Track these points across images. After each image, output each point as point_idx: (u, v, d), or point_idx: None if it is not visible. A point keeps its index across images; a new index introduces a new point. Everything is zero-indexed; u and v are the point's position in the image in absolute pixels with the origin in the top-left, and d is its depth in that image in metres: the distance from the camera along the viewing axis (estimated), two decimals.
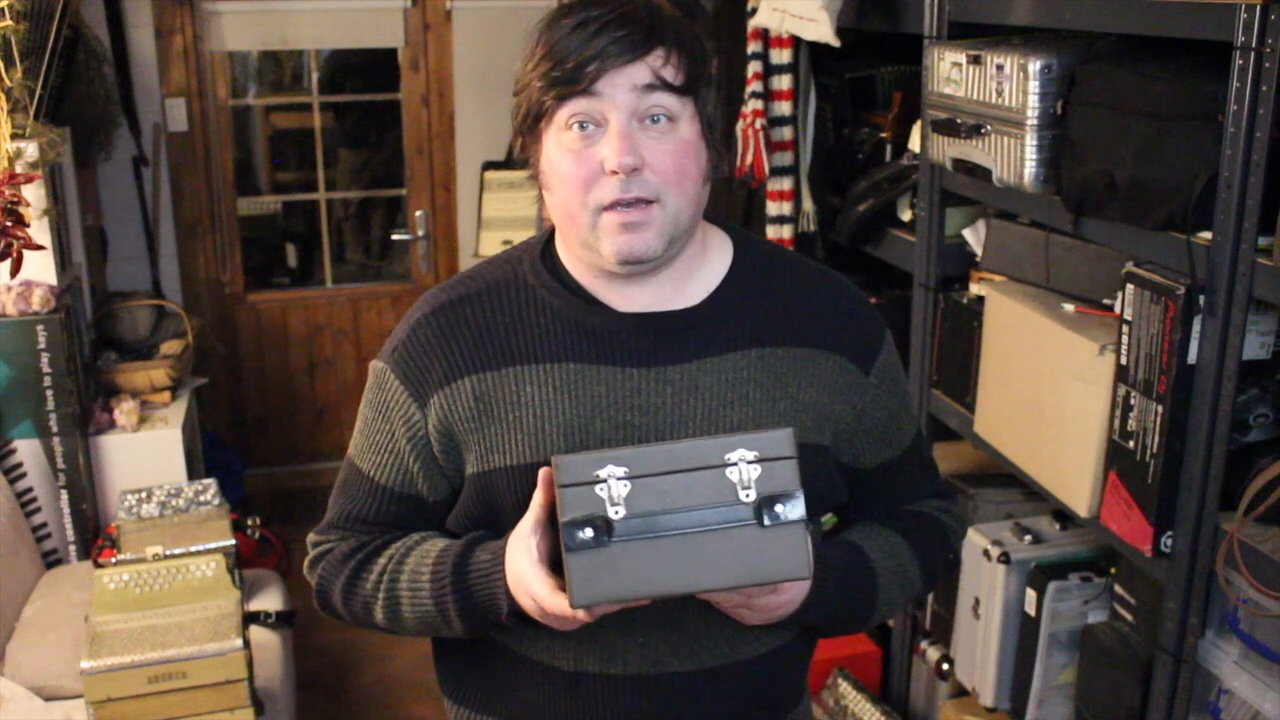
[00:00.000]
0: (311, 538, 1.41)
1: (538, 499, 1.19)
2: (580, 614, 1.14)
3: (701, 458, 1.12)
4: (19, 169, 2.54)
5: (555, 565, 1.17)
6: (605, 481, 1.11)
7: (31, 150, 2.71)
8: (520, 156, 1.27)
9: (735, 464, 1.12)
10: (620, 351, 1.26)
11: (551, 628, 1.22)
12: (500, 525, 1.27)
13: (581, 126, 1.18)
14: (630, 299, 1.27)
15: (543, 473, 1.19)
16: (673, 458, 1.12)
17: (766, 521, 1.11)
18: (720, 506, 1.11)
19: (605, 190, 1.18)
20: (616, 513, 1.10)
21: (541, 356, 1.26)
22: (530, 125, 1.22)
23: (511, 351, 1.27)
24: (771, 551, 1.11)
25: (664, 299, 1.27)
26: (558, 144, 1.20)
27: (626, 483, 1.11)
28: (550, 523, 1.19)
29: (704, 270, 1.30)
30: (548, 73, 1.18)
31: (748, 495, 1.11)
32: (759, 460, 1.12)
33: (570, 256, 1.29)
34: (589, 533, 1.09)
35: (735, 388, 1.27)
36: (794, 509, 1.11)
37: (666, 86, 1.18)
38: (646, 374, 1.25)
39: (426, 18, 4.34)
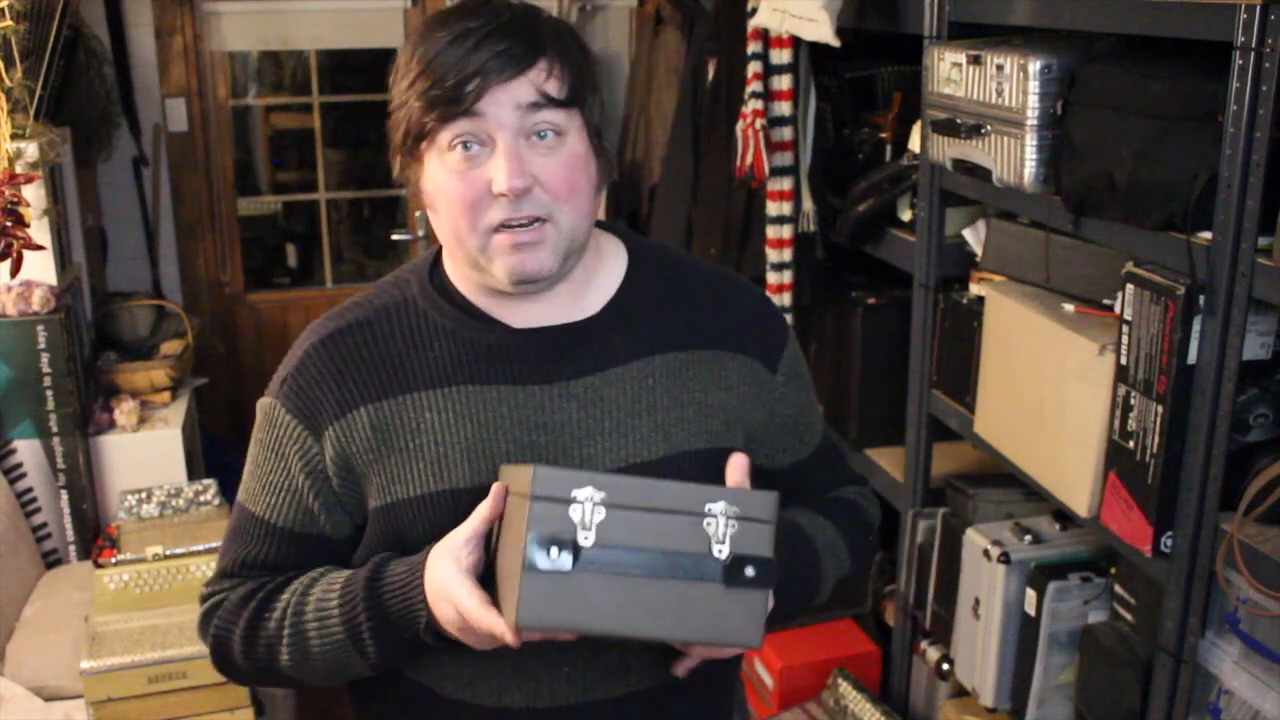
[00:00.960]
0: (202, 591, 1.32)
1: (482, 513, 1.13)
2: (509, 635, 1.07)
3: (682, 501, 1.07)
4: (19, 169, 2.54)
5: (483, 581, 1.12)
6: (581, 503, 1.04)
7: (31, 150, 2.71)
8: (400, 177, 1.22)
9: (715, 516, 1.07)
10: (520, 369, 1.21)
11: (466, 652, 1.15)
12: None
13: (465, 147, 1.13)
14: (526, 314, 1.23)
15: (496, 487, 1.13)
16: (653, 494, 1.07)
17: (734, 583, 1.07)
18: (691, 556, 1.07)
19: (495, 211, 1.14)
20: (586, 539, 1.04)
21: (438, 381, 1.21)
22: (410, 146, 1.17)
23: (407, 378, 1.21)
24: (731, 614, 1.07)
25: (561, 312, 1.23)
26: (441, 165, 1.15)
27: (602, 509, 1.05)
28: (486, 540, 1.14)
29: (600, 278, 1.26)
30: (426, 91, 1.12)
31: (721, 551, 1.07)
32: (739, 517, 1.08)
33: (459, 275, 1.25)
34: (554, 552, 1.03)
35: (641, 397, 1.22)
36: (763, 575, 1.08)
37: (551, 102, 1.14)
38: (549, 390, 1.21)
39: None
